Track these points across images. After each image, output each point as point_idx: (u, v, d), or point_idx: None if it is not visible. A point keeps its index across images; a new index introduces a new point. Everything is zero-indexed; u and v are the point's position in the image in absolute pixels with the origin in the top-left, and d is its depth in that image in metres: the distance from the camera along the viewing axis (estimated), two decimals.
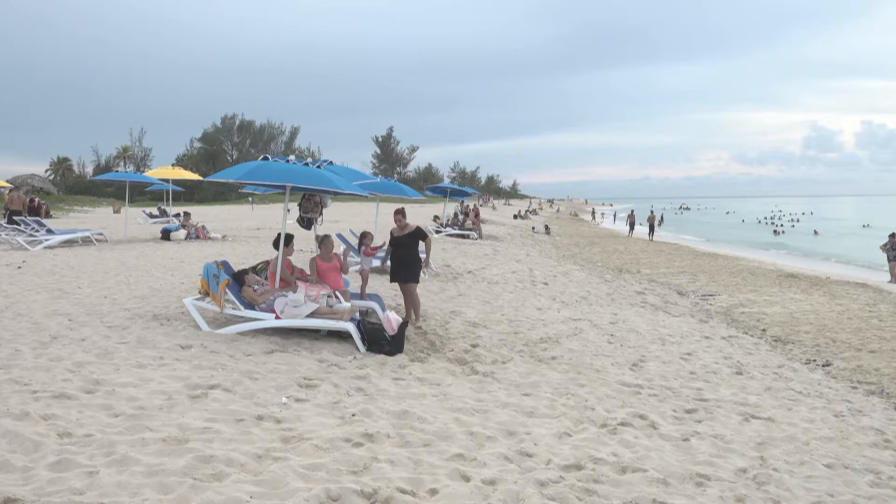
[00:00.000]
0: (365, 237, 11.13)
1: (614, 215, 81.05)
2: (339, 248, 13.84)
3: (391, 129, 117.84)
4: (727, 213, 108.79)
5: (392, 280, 9.50)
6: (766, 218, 79.62)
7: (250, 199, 56.51)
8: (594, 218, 75.01)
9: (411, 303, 9.26)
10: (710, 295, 16.65)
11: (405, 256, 9.36)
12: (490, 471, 4.44)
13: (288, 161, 8.37)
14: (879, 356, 10.26)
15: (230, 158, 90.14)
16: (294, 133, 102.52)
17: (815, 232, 52.92)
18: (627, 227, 43.65)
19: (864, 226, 64.42)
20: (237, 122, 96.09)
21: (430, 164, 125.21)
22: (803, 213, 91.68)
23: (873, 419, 7.00)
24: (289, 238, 8.53)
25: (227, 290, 7.86)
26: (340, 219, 32.10)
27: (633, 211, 44.01)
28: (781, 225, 64.53)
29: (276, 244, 8.55)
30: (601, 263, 23.18)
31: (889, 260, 22.29)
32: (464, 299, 11.76)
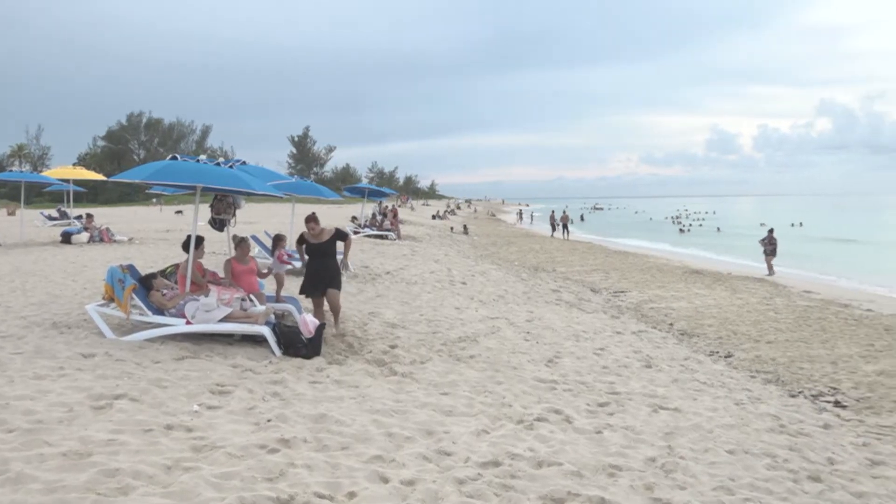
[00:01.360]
0: (279, 240, 10.87)
1: (531, 215, 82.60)
2: (253, 250, 13.52)
3: (307, 128, 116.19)
4: (636, 212, 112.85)
5: (309, 294, 8.69)
6: (672, 217, 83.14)
7: (155, 199, 54.35)
8: (521, 218, 75.88)
9: (333, 308, 8.61)
10: (622, 292, 17.24)
11: (327, 266, 8.56)
12: (409, 471, 4.44)
13: (198, 161, 8.10)
14: (775, 346, 10.91)
15: (137, 158, 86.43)
16: (206, 132, 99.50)
17: (718, 230, 55.64)
18: (550, 227, 44.38)
19: (761, 224, 68.25)
20: (144, 120, 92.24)
21: (347, 165, 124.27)
22: (707, 213, 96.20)
23: (770, 406, 7.43)
24: (199, 240, 8.26)
25: (134, 295, 7.53)
26: (255, 220, 31.35)
27: (553, 211, 44.92)
28: (689, 224, 67.49)
29: (185, 246, 8.26)
30: (518, 262, 23.59)
31: (765, 254, 23.59)
32: (382, 300, 11.72)
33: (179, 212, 44.53)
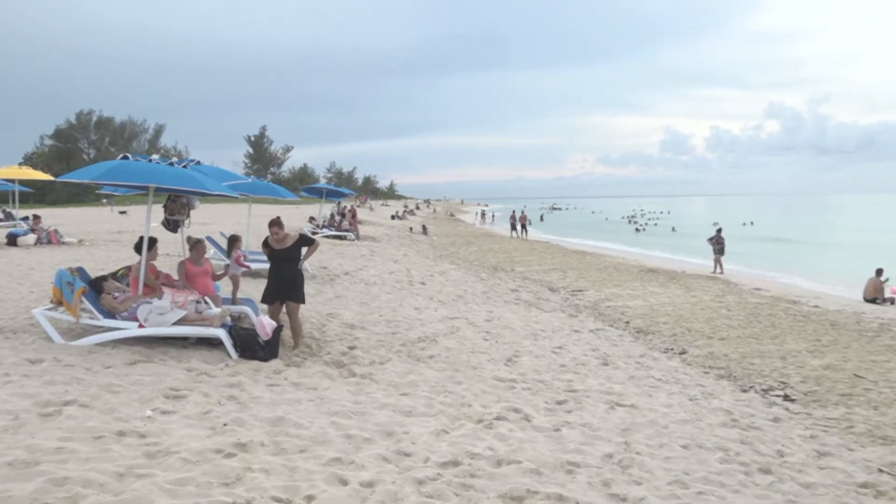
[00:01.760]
0: (234, 241, 10.70)
1: (493, 215, 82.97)
2: (208, 251, 13.29)
3: (264, 128, 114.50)
4: (593, 212, 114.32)
5: (271, 302, 8.12)
6: (628, 216, 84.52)
7: (105, 200, 52.92)
8: (483, 218, 75.77)
9: (294, 326, 8.03)
10: (579, 290, 17.44)
11: (291, 273, 8.09)
12: (368, 473, 4.42)
13: (151, 160, 7.92)
14: (728, 343, 11.18)
15: (87, 157, 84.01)
16: (159, 131, 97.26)
17: (673, 229, 56.79)
18: (509, 227, 44.38)
19: (714, 224, 69.89)
20: (94, 119, 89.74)
21: (305, 165, 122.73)
22: (662, 212, 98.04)
23: (722, 401, 7.61)
24: (152, 241, 8.08)
25: (84, 299, 7.33)
26: (210, 221, 30.80)
27: (514, 211, 45.05)
28: (646, 224, 68.68)
29: (138, 248, 8.07)
30: (477, 262, 23.69)
31: (714, 252, 24.16)
32: (341, 301, 11.63)
33: (123, 212, 43.25)
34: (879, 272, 18.70)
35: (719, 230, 24.98)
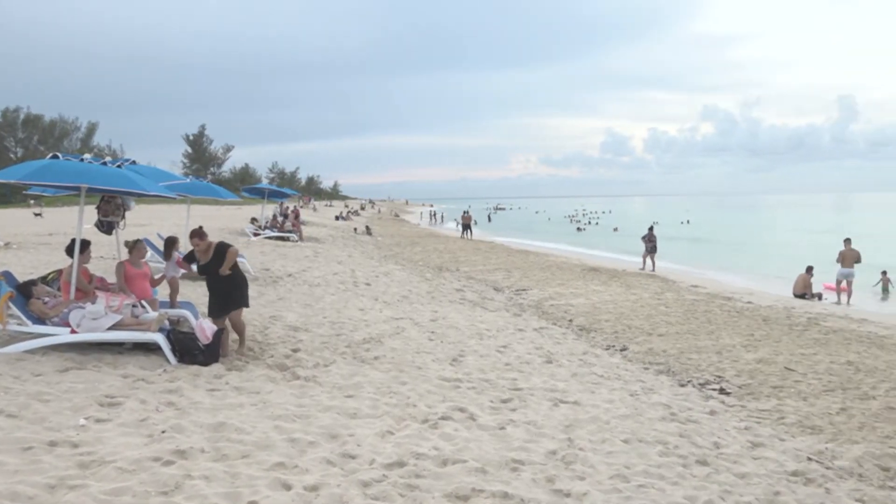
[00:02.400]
0: (172, 243, 10.35)
1: (441, 215, 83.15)
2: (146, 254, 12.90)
3: (203, 127, 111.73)
4: (536, 212, 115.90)
5: (219, 316, 7.64)
6: (571, 216, 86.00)
7: (33, 201, 50.64)
8: (433, 219, 75.54)
9: (238, 328, 7.73)
10: (523, 290, 17.63)
11: (230, 285, 7.66)
12: (312, 476, 4.36)
13: (83, 160, 7.63)
14: (666, 339, 11.48)
15: (14, 157, 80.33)
16: (91, 129, 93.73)
17: (615, 229, 58.03)
18: (460, 228, 44.22)
19: (654, 222, 71.76)
20: (22, 116, 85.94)
21: (246, 165, 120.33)
22: (603, 212, 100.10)
23: (662, 395, 7.81)
24: (85, 244, 7.79)
25: (11, 304, 7.00)
26: (147, 222, 29.90)
27: (465, 212, 45.05)
28: (587, 223, 69.95)
29: (70, 251, 7.77)
30: (422, 263, 23.69)
31: (646, 250, 24.78)
32: (284, 303, 11.46)
33: (38, 214, 41.13)
34: (809, 269, 19.54)
35: (650, 228, 25.65)
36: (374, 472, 4.54)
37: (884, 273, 22.13)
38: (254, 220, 29.33)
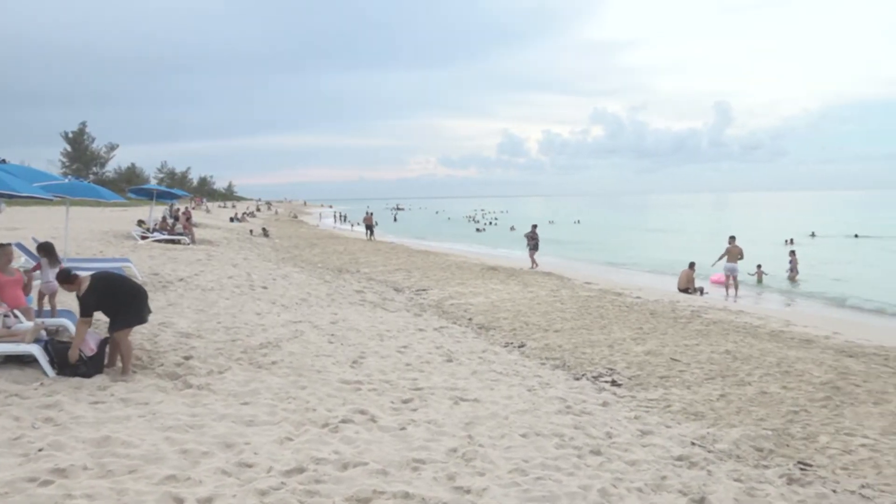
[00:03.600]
0: (51, 250, 9.57)
1: (336, 216, 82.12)
2: (19, 259, 12.01)
3: (84, 124, 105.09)
4: (436, 212, 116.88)
5: (120, 328, 6.83)
6: (470, 216, 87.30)
7: None
8: (339, 220, 73.97)
9: (124, 349, 6.92)
10: (424, 290, 17.72)
11: (107, 312, 6.88)
12: (206, 488, 4.20)
13: None
14: (562, 334, 11.85)
15: None
16: None
17: (512, 228, 59.38)
18: (364, 228, 43.45)
19: (549, 222, 73.96)
20: None
21: (133, 164, 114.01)
22: (501, 212, 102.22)
23: (558, 389, 8.06)
24: None
25: None
26: (20, 226, 27.82)
27: (372, 213, 44.42)
28: (486, 224, 71.14)
29: None
30: (321, 264, 23.33)
31: (528, 248, 25.51)
32: (175, 309, 10.97)
33: None
34: (692, 265, 20.72)
35: (534, 227, 26.39)
36: (271, 479, 4.42)
37: (759, 266, 23.82)
38: (141, 222, 27.92)
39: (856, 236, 45.78)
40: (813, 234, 46.56)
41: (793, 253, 25.17)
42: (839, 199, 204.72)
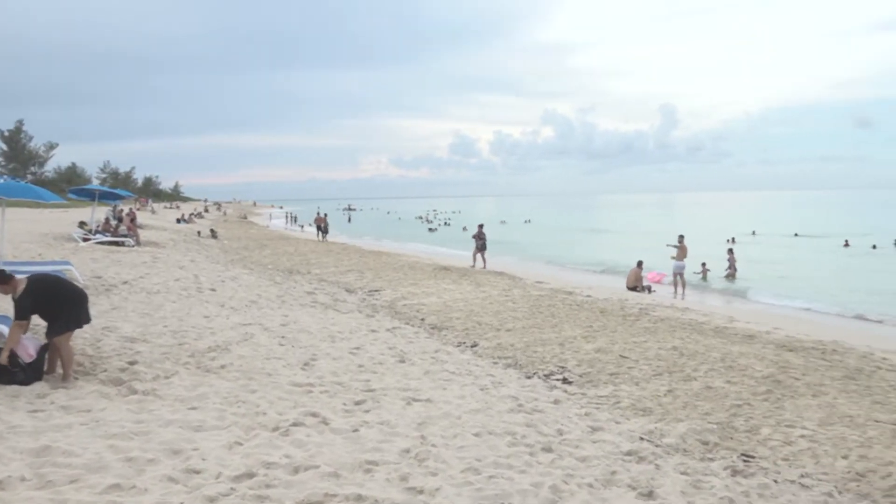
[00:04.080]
0: None
1: (287, 217, 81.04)
2: None
3: (21, 122, 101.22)
4: (388, 212, 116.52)
5: (59, 334, 6.61)
6: (422, 216, 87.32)
7: None
8: (294, 222, 72.50)
9: (65, 355, 6.69)
10: (376, 290, 17.64)
11: (45, 316, 6.66)
12: (152, 497, 4.10)
13: None
14: (514, 334, 11.95)
15: None
16: None
17: (465, 228, 59.65)
18: (315, 229, 42.79)
19: (501, 222, 74.52)
20: None
21: (74, 164, 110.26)
22: (454, 212, 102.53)
23: (510, 388, 8.13)
24: None
25: None
26: None
27: (325, 214, 43.72)
28: (442, 223, 71.22)
29: None
30: (271, 266, 23.00)
31: (476, 248, 25.68)
32: (119, 313, 10.66)
33: None
34: (640, 264, 21.16)
35: (480, 226, 26.56)
36: (220, 485, 4.34)
37: (703, 264, 24.48)
38: (83, 224, 27.05)
39: (795, 235, 47.47)
40: (754, 233, 48.13)
41: (731, 251, 26.00)
42: (778, 199, 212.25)
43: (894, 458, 6.05)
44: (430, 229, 62.00)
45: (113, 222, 26.84)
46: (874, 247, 36.52)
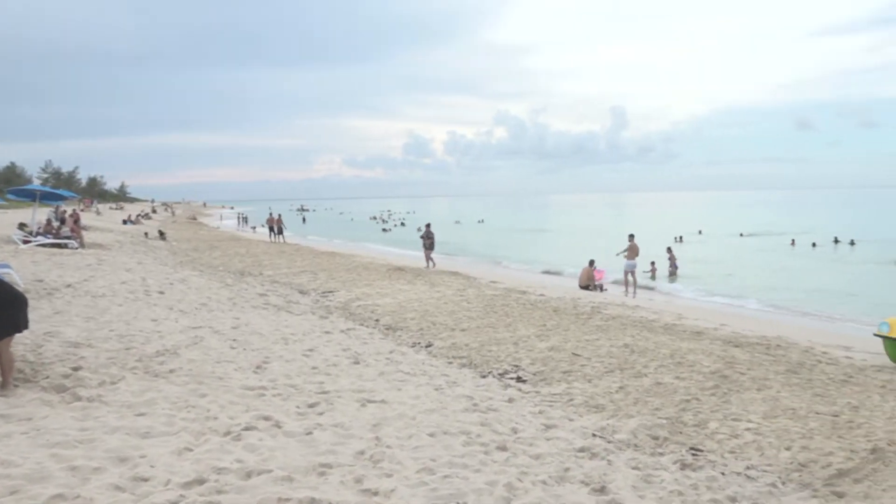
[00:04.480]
0: None
1: (238, 218, 79.68)
2: None
3: None
4: (341, 213, 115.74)
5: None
6: (376, 216, 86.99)
7: None
8: (245, 223, 70.55)
9: (5, 360, 6.41)
10: (330, 292, 17.49)
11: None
12: None
13: None
14: (468, 333, 12.00)
15: None
16: None
17: (419, 229, 59.72)
18: (267, 230, 42.07)
19: (456, 222, 74.76)
20: None
21: (13, 164, 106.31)
22: (408, 212, 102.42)
23: (465, 388, 8.15)
24: None
25: None
26: None
27: (279, 215, 42.97)
28: (398, 223, 71.00)
29: None
30: (222, 268, 22.58)
31: (424, 248, 25.75)
32: (62, 317, 10.31)
33: None
34: (592, 263, 21.48)
35: (427, 225, 26.64)
36: (169, 493, 4.24)
37: (652, 263, 24.99)
38: (23, 225, 26.09)
39: (741, 235, 48.87)
40: (700, 233, 49.38)
41: (670, 250, 26.71)
42: (724, 199, 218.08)
43: (834, 449, 6.27)
44: (383, 229, 61.80)
45: (55, 224, 25.97)
46: (814, 245, 37.88)
